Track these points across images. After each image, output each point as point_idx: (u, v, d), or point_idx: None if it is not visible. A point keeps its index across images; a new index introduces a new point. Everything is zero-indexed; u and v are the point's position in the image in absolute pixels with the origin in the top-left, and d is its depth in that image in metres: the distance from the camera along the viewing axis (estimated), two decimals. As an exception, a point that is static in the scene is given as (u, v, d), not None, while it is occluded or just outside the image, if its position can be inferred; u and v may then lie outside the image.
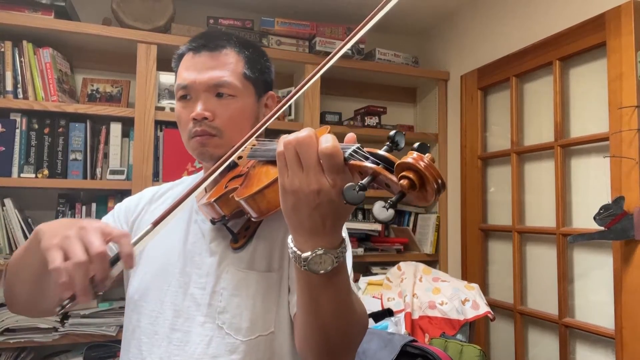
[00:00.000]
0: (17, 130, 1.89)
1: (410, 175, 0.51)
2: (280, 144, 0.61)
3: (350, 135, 0.61)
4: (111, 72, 2.21)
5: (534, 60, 1.95)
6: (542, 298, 1.93)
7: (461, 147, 2.39)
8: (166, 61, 2.11)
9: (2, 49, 1.88)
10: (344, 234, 0.85)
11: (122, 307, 1.90)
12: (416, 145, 0.54)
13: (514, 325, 2.02)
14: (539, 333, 1.96)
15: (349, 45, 0.68)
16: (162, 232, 0.92)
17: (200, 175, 1.03)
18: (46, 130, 1.93)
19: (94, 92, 2.11)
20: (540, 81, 1.99)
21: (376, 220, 0.48)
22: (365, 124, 2.41)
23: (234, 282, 0.86)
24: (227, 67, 0.90)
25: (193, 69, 0.90)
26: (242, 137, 0.74)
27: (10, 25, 1.86)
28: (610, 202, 1.56)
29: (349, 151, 0.58)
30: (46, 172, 1.91)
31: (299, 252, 0.62)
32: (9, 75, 1.88)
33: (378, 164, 0.55)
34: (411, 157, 0.51)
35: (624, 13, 1.57)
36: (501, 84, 2.17)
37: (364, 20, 0.67)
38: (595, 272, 1.73)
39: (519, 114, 2.07)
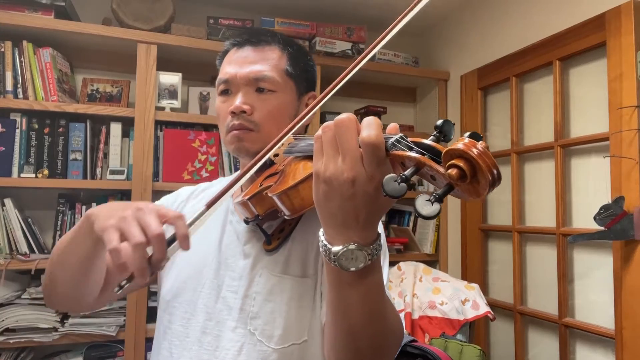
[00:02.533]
0: (17, 130, 1.89)
1: (461, 163, 0.45)
2: (320, 129, 0.58)
3: (393, 125, 0.57)
4: (111, 72, 2.21)
5: (534, 60, 1.95)
6: (542, 298, 1.93)
7: (461, 147, 2.39)
8: (166, 61, 2.13)
9: (2, 49, 1.89)
10: (380, 230, 0.82)
11: (122, 307, 1.91)
12: (467, 134, 0.48)
13: (514, 325, 2.02)
14: (539, 333, 1.96)
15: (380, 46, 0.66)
16: (198, 232, 0.92)
17: (234, 175, 0.99)
18: (46, 130, 1.93)
19: (94, 92, 2.11)
20: (540, 81, 1.99)
21: (419, 215, 0.44)
22: (365, 124, 2.41)
23: (268, 287, 0.82)
24: (269, 62, 0.88)
25: (235, 63, 0.88)
26: (280, 133, 0.70)
27: (10, 25, 1.86)
28: (610, 202, 1.56)
29: (392, 140, 0.53)
30: (46, 172, 1.91)
31: (329, 246, 0.58)
32: (9, 75, 1.88)
33: (423, 154, 0.50)
34: (462, 143, 0.45)
35: (624, 13, 1.57)
36: (501, 84, 2.17)
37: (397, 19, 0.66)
38: (595, 272, 1.73)
39: (519, 114, 2.07)
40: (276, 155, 0.80)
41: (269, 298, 0.82)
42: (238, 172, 0.88)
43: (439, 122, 0.52)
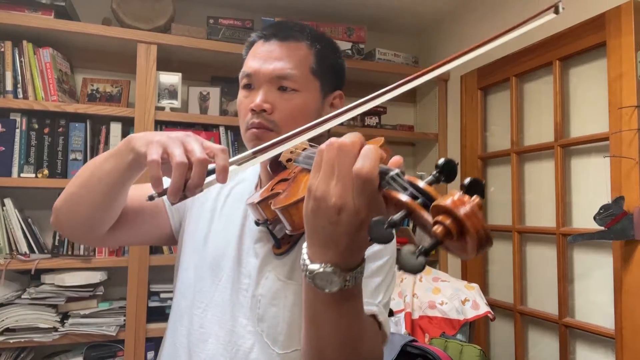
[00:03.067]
0: (17, 130, 1.89)
1: (447, 221, 0.42)
2: (325, 143, 0.55)
3: (396, 159, 0.53)
4: (111, 72, 2.21)
5: (534, 60, 1.95)
6: (542, 298, 1.93)
7: (461, 147, 2.39)
8: (166, 61, 2.13)
9: (2, 49, 1.88)
10: (384, 260, 0.79)
11: (122, 307, 1.91)
12: (467, 181, 0.45)
13: (514, 325, 2.02)
14: (539, 333, 1.96)
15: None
16: (221, 221, 0.91)
17: (257, 168, 0.96)
18: (46, 130, 1.93)
19: (94, 92, 2.11)
20: (540, 81, 1.99)
21: (400, 268, 0.41)
22: (365, 123, 2.41)
23: (272, 291, 0.81)
24: (294, 59, 0.85)
25: (259, 58, 0.85)
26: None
27: (10, 25, 1.86)
28: (610, 202, 1.56)
29: (387, 177, 0.50)
30: (46, 172, 1.91)
31: (307, 262, 0.56)
32: (9, 75, 1.88)
33: (416, 198, 0.46)
34: (451, 199, 0.42)
35: (624, 13, 1.57)
36: (501, 84, 2.17)
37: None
38: (595, 272, 1.73)
39: (519, 114, 2.07)
40: (289, 160, 0.78)
41: (273, 302, 0.81)
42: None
43: (441, 161, 0.48)
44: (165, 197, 0.83)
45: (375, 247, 0.78)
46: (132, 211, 0.91)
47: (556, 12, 0.60)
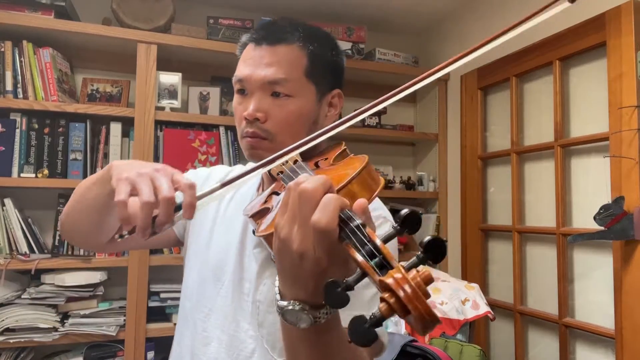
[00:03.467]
0: (17, 130, 1.89)
1: (391, 300, 0.40)
2: (292, 181, 0.54)
3: (360, 204, 0.51)
4: (111, 72, 2.21)
5: (534, 60, 1.95)
6: (542, 298, 1.93)
7: (461, 147, 2.39)
8: (166, 61, 2.13)
9: (2, 49, 1.88)
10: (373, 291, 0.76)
11: (122, 307, 1.91)
12: (426, 240, 0.42)
13: (514, 325, 2.02)
14: (539, 333, 1.96)
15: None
16: (224, 224, 0.91)
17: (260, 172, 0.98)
18: (46, 130, 1.93)
19: (94, 92, 2.11)
20: (540, 81, 1.99)
21: (351, 341, 0.41)
22: (365, 123, 2.41)
23: (270, 298, 0.81)
24: (286, 63, 0.82)
25: (251, 63, 0.83)
26: (295, 140, 0.67)
27: (10, 25, 1.86)
28: (610, 202, 1.56)
29: (347, 229, 0.48)
30: (46, 172, 1.91)
31: (277, 297, 0.56)
32: (9, 75, 1.88)
33: (373, 257, 0.44)
34: (392, 278, 0.40)
35: (624, 13, 1.57)
36: (501, 84, 2.17)
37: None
38: (595, 272, 1.73)
39: (519, 114, 2.07)
40: (281, 172, 0.76)
41: (269, 310, 0.80)
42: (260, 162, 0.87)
43: (403, 212, 0.46)
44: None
45: None
46: None
47: (572, 0, 0.57)
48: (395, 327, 1.83)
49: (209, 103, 2.21)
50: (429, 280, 0.40)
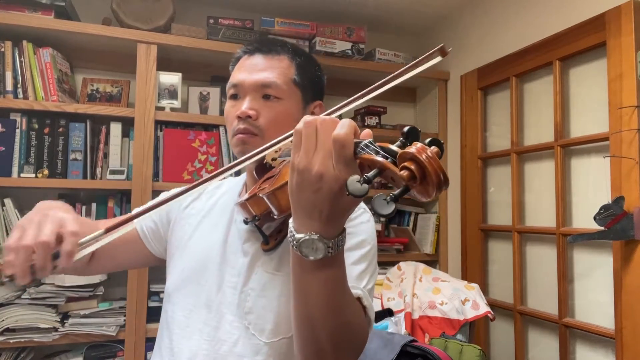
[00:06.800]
0: (17, 130, 1.89)
1: (412, 166, 0.50)
2: (300, 123, 0.61)
3: (367, 132, 0.61)
4: (111, 72, 2.21)
5: (534, 60, 1.95)
6: (542, 298, 1.93)
7: (461, 147, 2.40)
8: (166, 61, 2.13)
9: (2, 49, 1.88)
10: (363, 236, 0.86)
11: (122, 307, 1.92)
12: (428, 140, 0.53)
13: (514, 325, 2.02)
14: (539, 333, 1.96)
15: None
16: (206, 228, 0.97)
17: (243, 177, 1.05)
18: (46, 130, 1.93)
19: (94, 92, 2.11)
20: (540, 81, 1.99)
21: (375, 213, 0.45)
22: (366, 123, 2.41)
23: (262, 284, 0.87)
24: (278, 70, 0.92)
25: (245, 70, 0.93)
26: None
27: (10, 25, 1.86)
28: (610, 202, 1.56)
29: (361, 144, 0.57)
30: (46, 172, 1.91)
31: (294, 232, 0.63)
32: (9, 75, 1.88)
33: (387, 158, 0.54)
34: (415, 148, 0.50)
35: (624, 13, 1.57)
36: (501, 84, 2.17)
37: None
38: (595, 272, 1.73)
39: (519, 114, 2.07)
40: (274, 159, 0.83)
41: (262, 294, 0.86)
42: (243, 179, 1.02)
43: (406, 128, 0.56)
44: (140, 227, 0.98)
45: (358, 238, 0.86)
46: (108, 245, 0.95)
47: (443, 55, 0.69)
48: (395, 327, 1.83)
49: (209, 103, 2.21)
50: (438, 153, 0.51)
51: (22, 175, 1.88)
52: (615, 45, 1.60)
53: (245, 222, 0.89)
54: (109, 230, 0.70)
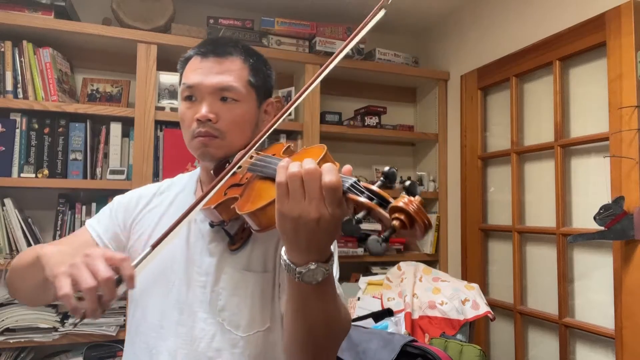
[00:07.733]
0: (17, 130, 1.89)
1: (402, 217, 0.57)
2: (280, 174, 0.65)
3: (347, 168, 0.67)
4: (111, 72, 2.21)
5: (534, 60, 1.95)
6: (542, 298, 1.93)
7: (461, 147, 2.40)
8: (166, 61, 2.13)
9: (2, 49, 1.89)
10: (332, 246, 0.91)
11: (122, 307, 1.91)
12: (407, 183, 0.60)
13: (514, 325, 2.02)
14: (539, 333, 1.96)
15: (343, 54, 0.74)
16: (165, 228, 0.95)
17: (196, 172, 1.06)
18: (46, 130, 1.93)
19: (94, 92, 2.11)
20: (540, 81, 1.99)
21: (370, 253, 0.49)
22: (365, 123, 2.41)
23: (233, 283, 0.90)
24: (233, 73, 0.94)
25: (200, 72, 0.93)
26: (243, 140, 0.85)
27: (10, 25, 1.86)
28: (610, 202, 1.56)
29: (347, 185, 0.64)
30: (46, 172, 1.91)
31: (293, 266, 0.68)
32: (9, 75, 1.88)
33: (372, 200, 0.61)
34: (402, 202, 0.57)
35: (624, 13, 1.57)
36: (501, 84, 2.17)
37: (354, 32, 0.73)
38: (595, 272, 1.73)
39: (519, 114, 2.07)
40: (239, 167, 0.84)
41: (234, 292, 0.89)
42: (196, 174, 1.05)
43: (386, 169, 0.64)
44: (97, 234, 1.00)
45: None
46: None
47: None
48: (395, 327, 1.83)
49: (209, 103, 2.21)
50: (422, 202, 0.58)
51: (22, 175, 1.88)
52: (615, 45, 1.60)
53: (211, 225, 0.92)
54: (154, 246, 0.73)
